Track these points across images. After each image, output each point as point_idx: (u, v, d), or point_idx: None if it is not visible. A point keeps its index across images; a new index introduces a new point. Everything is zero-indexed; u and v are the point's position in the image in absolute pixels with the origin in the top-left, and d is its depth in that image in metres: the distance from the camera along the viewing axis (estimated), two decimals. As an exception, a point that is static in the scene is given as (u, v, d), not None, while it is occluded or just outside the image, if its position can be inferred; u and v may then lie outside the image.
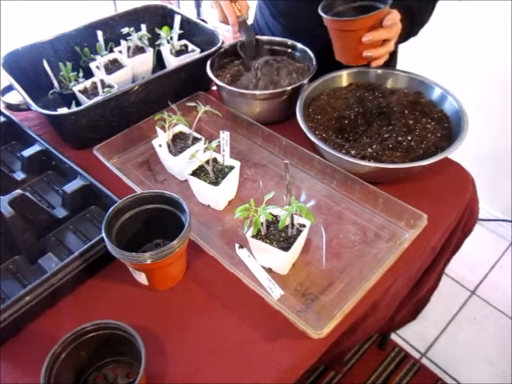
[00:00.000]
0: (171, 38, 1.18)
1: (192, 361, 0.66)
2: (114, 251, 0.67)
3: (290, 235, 0.72)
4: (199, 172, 0.84)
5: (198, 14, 2.41)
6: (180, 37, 1.19)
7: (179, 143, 0.90)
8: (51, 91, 1.08)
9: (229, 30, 1.12)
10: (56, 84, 1.07)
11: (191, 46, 1.18)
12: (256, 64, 1.05)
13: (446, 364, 1.53)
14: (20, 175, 0.93)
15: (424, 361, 1.54)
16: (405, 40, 0.93)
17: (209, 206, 0.87)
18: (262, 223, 0.70)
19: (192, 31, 1.20)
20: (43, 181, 0.95)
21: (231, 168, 0.84)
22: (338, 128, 0.95)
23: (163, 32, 1.16)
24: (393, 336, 1.57)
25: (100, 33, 1.13)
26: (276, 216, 0.74)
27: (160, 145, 0.89)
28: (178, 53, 1.17)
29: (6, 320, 0.65)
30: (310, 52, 1.06)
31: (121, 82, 1.07)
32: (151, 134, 0.98)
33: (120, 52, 1.16)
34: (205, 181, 0.82)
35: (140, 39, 1.17)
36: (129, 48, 1.15)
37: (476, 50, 1.62)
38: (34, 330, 0.69)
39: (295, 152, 0.93)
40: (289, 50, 1.11)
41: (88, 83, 1.06)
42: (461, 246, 1.02)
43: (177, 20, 1.17)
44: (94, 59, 1.10)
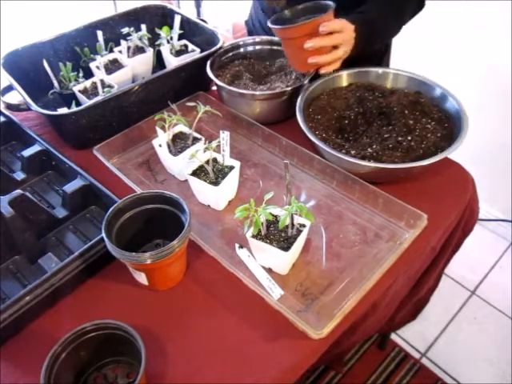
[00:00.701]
0: (171, 38, 1.18)
1: (192, 361, 0.66)
2: (114, 251, 0.67)
3: (290, 235, 0.72)
4: (199, 172, 0.84)
5: (198, 14, 2.41)
6: (180, 37, 1.19)
7: (179, 143, 0.90)
8: (51, 91, 1.08)
9: (229, 30, 1.12)
10: (56, 84, 1.07)
11: (191, 46, 1.18)
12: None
13: (446, 364, 1.53)
14: (20, 175, 0.93)
15: (424, 361, 1.53)
16: (360, 51, 0.93)
17: (209, 206, 0.87)
18: (262, 223, 0.70)
19: (192, 31, 1.20)
20: (43, 181, 0.95)
21: (231, 168, 0.84)
22: (338, 128, 0.95)
23: (163, 32, 1.16)
24: (393, 336, 1.57)
25: (100, 33, 1.13)
26: (276, 216, 0.74)
27: (160, 145, 0.89)
28: (178, 53, 1.17)
29: (6, 320, 0.65)
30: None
31: (121, 82, 1.07)
32: (151, 134, 0.98)
33: (120, 52, 1.16)
34: (205, 181, 0.82)
35: (140, 39, 1.17)
36: (129, 48, 1.15)
37: (476, 50, 1.62)
38: (34, 330, 0.69)
39: (295, 152, 0.93)
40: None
41: (88, 83, 1.06)
42: (461, 246, 1.02)
43: (177, 20, 1.17)
44: (94, 59, 1.10)
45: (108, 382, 0.64)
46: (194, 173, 0.83)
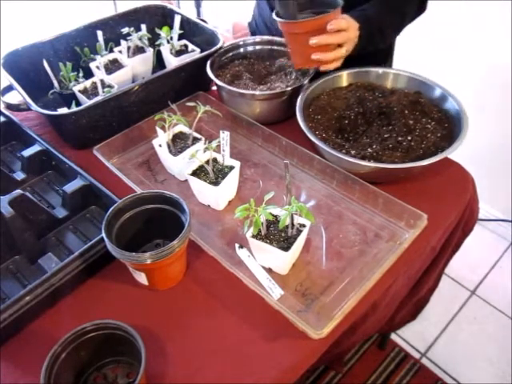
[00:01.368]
0: (171, 38, 1.18)
1: (192, 361, 0.66)
2: (114, 251, 0.67)
3: (290, 235, 0.72)
4: (199, 172, 0.84)
5: (198, 14, 2.41)
6: (180, 37, 1.19)
7: (179, 143, 0.90)
8: (51, 91, 1.08)
9: (229, 30, 1.12)
10: (56, 84, 1.07)
11: (191, 46, 1.18)
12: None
13: (446, 364, 1.53)
14: (20, 175, 0.93)
15: (424, 361, 1.53)
16: (362, 50, 0.93)
17: (209, 206, 0.87)
18: (262, 223, 0.70)
19: (192, 31, 1.20)
20: (43, 181, 0.95)
21: (231, 168, 0.84)
22: (338, 128, 0.95)
23: (163, 32, 1.16)
24: (393, 336, 1.57)
25: (100, 33, 1.13)
26: (276, 216, 0.74)
27: (160, 145, 0.89)
28: (178, 53, 1.17)
29: (6, 320, 0.65)
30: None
31: (121, 82, 1.07)
32: (151, 134, 0.98)
33: (120, 52, 1.16)
34: (205, 181, 0.82)
35: (140, 39, 1.17)
36: (129, 48, 1.15)
37: (476, 50, 1.62)
38: (34, 330, 0.69)
39: (295, 152, 0.93)
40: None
41: (88, 83, 1.06)
42: (461, 246, 1.02)
43: (177, 20, 1.17)
44: (94, 59, 1.10)
45: (108, 382, 0.64)
46: (194, 173, 0.83)
